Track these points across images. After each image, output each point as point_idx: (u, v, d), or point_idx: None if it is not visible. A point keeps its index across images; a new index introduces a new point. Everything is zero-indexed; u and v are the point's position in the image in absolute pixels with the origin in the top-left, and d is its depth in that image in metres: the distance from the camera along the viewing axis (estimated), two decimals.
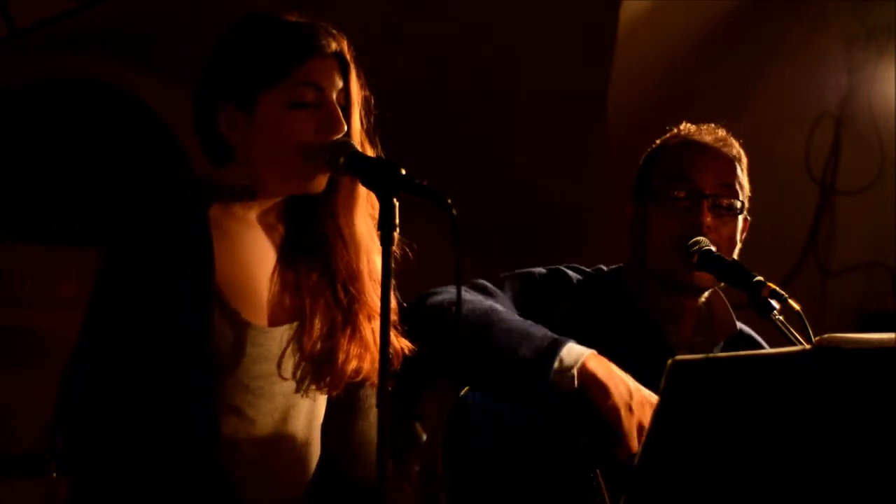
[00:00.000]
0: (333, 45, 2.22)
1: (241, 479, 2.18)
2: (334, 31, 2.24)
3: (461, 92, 4.94)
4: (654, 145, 2.73)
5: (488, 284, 2.54)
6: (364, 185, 2.18)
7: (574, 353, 2.33)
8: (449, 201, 2.01)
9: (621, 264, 2.71)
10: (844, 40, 5.30)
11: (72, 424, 2.12)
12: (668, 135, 2.72)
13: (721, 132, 2.69)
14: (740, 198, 2.62)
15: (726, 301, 2.67)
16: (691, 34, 4.97)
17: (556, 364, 2.31)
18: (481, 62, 4.83)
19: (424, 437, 3.85)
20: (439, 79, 4.87)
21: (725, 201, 2.60)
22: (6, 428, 4.64)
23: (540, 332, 2.37)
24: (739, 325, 2.70)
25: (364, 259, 2.28)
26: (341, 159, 2.16)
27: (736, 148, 2.68)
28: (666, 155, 2.67)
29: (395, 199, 2.03)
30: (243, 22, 2.25)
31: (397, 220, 2.03)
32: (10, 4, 4.20)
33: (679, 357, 1.84)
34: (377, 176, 2.08)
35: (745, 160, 2.68)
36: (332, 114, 2.19)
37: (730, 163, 2.64)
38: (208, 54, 2.26)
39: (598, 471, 2.31)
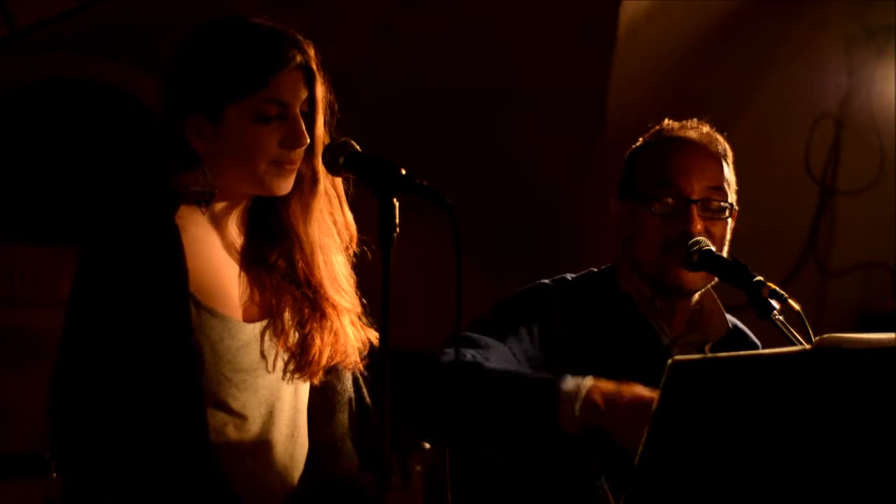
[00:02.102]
0: (299, 58, 2.25)
1: (233, 475, 2.19)
2: (300, 39, 2.26)
3: (461, 92, 4.94)
4: (638, 143, 2.70)
5: (479, 338, 2.48)
6: (364, 185, 2.19)
7: (570, 396, 2.28)
8: (448, 201, 2.01)
9: (610, 264, 2.70)
10: (844, 40, 5.30)
11: (62, 426, 2.13)
12: (650, 132, 2.69)
13: (705, 128, 2.66)
14: (729, 198, 2.61)
15: (717, 299, 2.67)
16: (691, 34, 4.97)
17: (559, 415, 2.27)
18: (481, 62, 4.83)
19: (427, 444, 3.85)
20: (439, 79, 4.86)
21: (715, 204, 2.58)
22: (6, 428, 4.64)
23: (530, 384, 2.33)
24: (731, 319, 2.69)
25: (320, 259, 2.32)
26: (341, 159, 2.17)
27: (721, 144, 2.65)
28: (649, 155, 2.64)
29: (395, 200, 2.03)
30: (210, 29, 2.27)
31: (397, 221, 2.03)
32: (10, 4, 4.20)
33: (679, 357, 1.84)
34: (377, 176, 2.09)
35: (730, 155, 2.65)
36: (295, 128, 2.23)
37: (716, 162, 2.61)
38: (174, 61, 2.28)
39: (603, 478, 2.31)
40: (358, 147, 2.20)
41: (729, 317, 2.68)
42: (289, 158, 2.23)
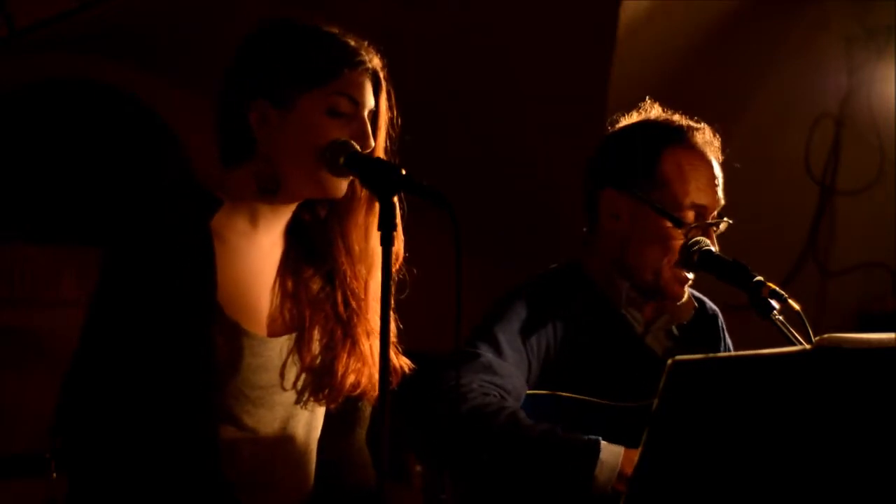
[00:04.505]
0: (374, 62, 2.25)
1: (242, 488, 2.18)
2: (374, 50, 2.26)
3: (461, 92, 4.94)
4: (636, 127, 2.65)
5: (493, 361, 2.48)
6: (363, 185, 2.19)
7: (606, 470, 2.32)
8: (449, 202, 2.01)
9: (573, 258, 2.69)
10: (844, 40, 5.30)
11: (71, 429, 2.12)
12: (652, 120, 2.65)
13: (710, 136, 2.63)
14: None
15: None
16: (691, 34, 4.97)
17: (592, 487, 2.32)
18: (481, 62, 4.83)
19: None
20: (439, 79, 4.87)
21: (716, 219, 2.61)
22: (6, 428, 4.64)
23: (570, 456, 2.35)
24: (694, 293, 2.70)
25: (374, 279, 2.28)
26: (341, 159, 2.16)
27: (718, 146, 2.65)
28: (673, 162, 2.59)
29: (395, 200, 2.03)
30: (285, 23, 2.25)
31: (398, 221, 2.03)
32: (10, 4, 4.20)
33: (679, 357, 1.84)
34: (377, 176, 2.08)
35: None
36: (364, 128, 2.20)
37: (720, 176, 2.62)
38: (241, 46, 2.25)
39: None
40: (358, 147, 2.20)
41: (691, 290, 2.68)
42: None
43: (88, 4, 4.34)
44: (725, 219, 2.61)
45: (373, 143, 2.21)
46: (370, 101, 2.23)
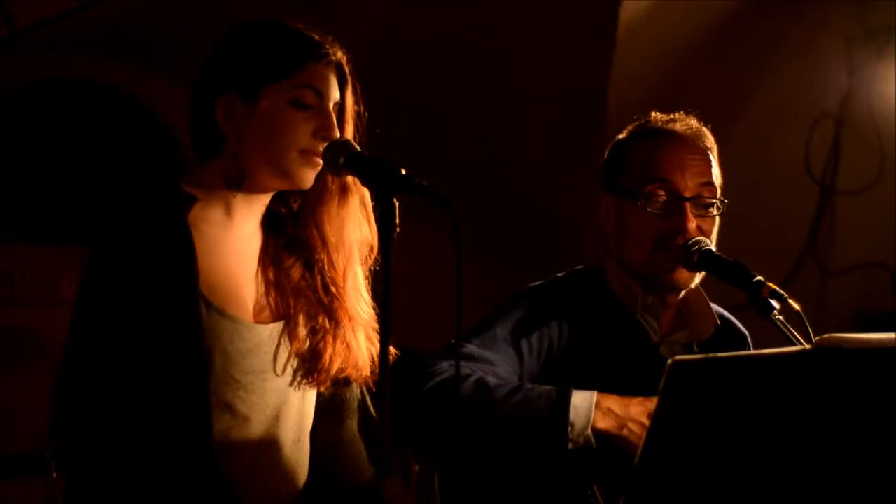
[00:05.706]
0: (338, 55, 2.28)
1: (237, 479, 2.19)
2: (338, 44, 2.29)
3: (461, 92, 4.94)
4: (624, 133, 2.68)
5: (475, 352, 2.48)
6: (364, 185, 2.20)
7: (581, 414, 2.32)
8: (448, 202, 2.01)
9: (597, 260, 2.69)
10: (844, 40, 5.30)
11: (65, 425, 2.13)
12: (637, 123, 2.68)
13: (693, 122, 2.65)
14: (719, 194, 2.60)
15: (704, 295, 2.67)
16: (691, 34, 4.97)
17: (568, 435, 2.32)
18: (480, 62, 4.83)
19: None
20: (439, 79, 4.87)
21: (706, 200, 2.58)
22: (6, 428, 4.64)
23: (539, 404, 2.35)
24: (717, 310, 2.69)
25: (350, 269, 2.32)
26: (341, 159, 2.18)
27: (710, 139, 2.64)
28: (639, 148, 2.62)
29: (395, 200, 2.04)
30: (253, 21, 2.29)
31: (398, 221, 2.04)
32: (10, 4, 4.20)
33: (679, 357, 1.84)
34: (377, 176, 2.09)
35: (716, 148, 2.65)
36: (328, 119, 2.24)
37: (706, 157, 2.60)
38: (212, 46, 2.28)
39: (595, 486, 2.31)
40: (358, 147, 2.20)
41: (715, 307, 2.68)
42: (318, 150, 2.22)
43: (88, 4, 4.35)
44: (718, 198, 2.59)
45: (337, 135, 2.24)
46: (335, 94, 2.26)
